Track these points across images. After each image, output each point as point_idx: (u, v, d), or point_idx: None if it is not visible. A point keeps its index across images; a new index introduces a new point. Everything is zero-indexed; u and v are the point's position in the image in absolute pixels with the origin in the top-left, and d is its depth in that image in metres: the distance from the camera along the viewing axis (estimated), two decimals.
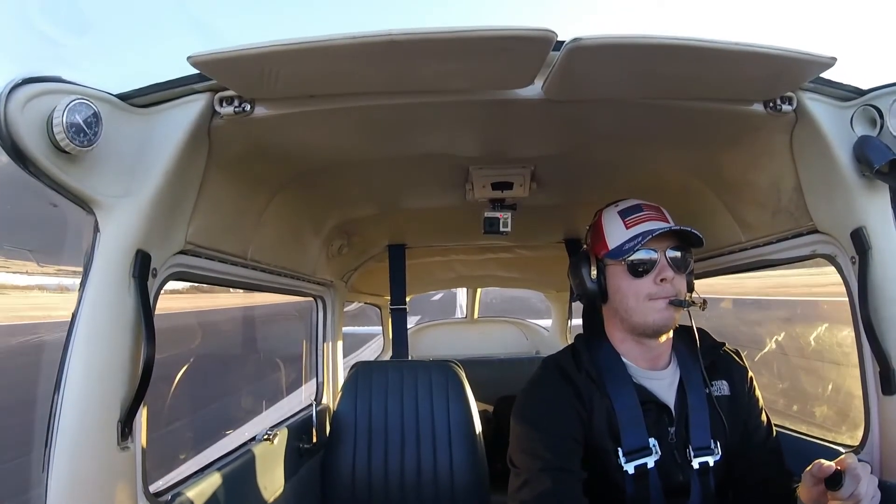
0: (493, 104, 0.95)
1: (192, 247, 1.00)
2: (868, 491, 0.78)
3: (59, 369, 0.77)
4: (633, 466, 0.97)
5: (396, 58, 0.78)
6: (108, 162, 0.79)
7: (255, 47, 0.74)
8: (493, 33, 0.72)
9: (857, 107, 0.95)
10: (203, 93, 0.88)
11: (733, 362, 1.11)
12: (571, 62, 0.80)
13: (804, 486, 0.84)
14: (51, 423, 0.76)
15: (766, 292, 4.51)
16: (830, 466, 0.78)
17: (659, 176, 1.37)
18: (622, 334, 1.05)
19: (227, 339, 5.85)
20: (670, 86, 0.90)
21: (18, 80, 0.68)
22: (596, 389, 1.01)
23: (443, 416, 1.72)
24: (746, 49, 0.78)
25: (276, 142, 1.05)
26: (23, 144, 0.68)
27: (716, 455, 1.00)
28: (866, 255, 0.95)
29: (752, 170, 1.17)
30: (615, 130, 1.12)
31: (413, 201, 1.65)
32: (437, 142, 1.17)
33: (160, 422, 3.03)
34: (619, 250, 1.01)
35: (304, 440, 1.65)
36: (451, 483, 1.66)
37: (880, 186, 0.94)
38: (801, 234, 1.12)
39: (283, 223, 1.40)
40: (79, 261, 0.81)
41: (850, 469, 0.78)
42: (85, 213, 0.80)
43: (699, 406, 1.02)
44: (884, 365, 0.93)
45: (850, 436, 1.07)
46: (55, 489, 0.74)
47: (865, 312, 0.95)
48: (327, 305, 2.01)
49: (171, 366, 2.81)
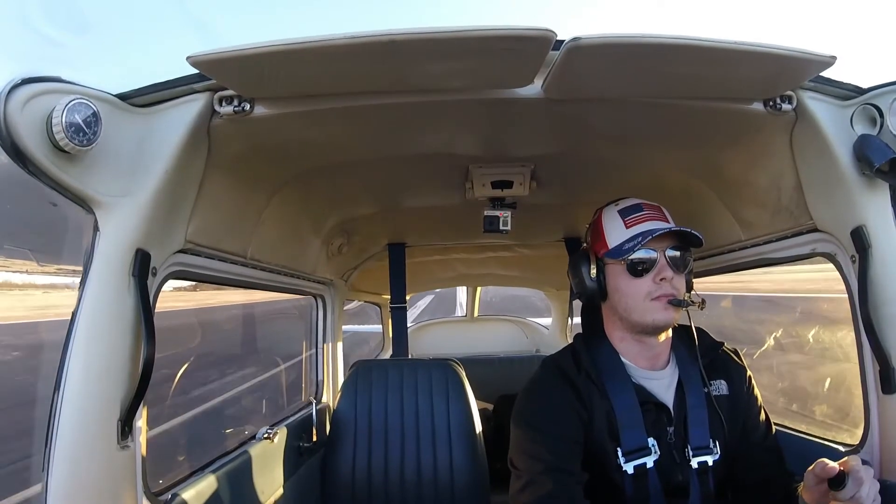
0: (492, 103, 0.95)
1: (192, 246, 1.00)
2: (870, 494, 0.78)
3: (59, 369, 0.77)
4: (632, 466, 0.97)
5: (396, 57, 0.78)
6: (108, 161, 0.79)
7: (254, 47, 0.74)
8: (493, 33, 0.72)
9: (857, 106, 0.95)
10: (202, 92, 0.88)
11: (732, 361, 1.11)
12: (571, 61, 0.80)
13: (806, 486, 0.84)
14: (51, 422, 0.76)
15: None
16: (834, 468, 0.78)
17: (659, 174, 1.37)
18: (621, 333, 1.05)
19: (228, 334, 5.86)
20: (670, 85, 0.90)
21: (18, 80, 0.69)
22: (595, 390, 1.01)
23: (443, 415, 1.72)
24: (746, 48, 0.78)
25: (276, 141, 1.05)
26: (22, 144, 0.68)
27: (715, 454, 1.00)
28: (866, 253, 0.95)
29: (752, 168, 1.17)
30: (615, 129, 1.12)
31: (413, 200, 1.65)
32: (437, 141, 1.17)
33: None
34: (619, 250, 1.01)
35: (304, 439, 1.65)
36: (451, 481, 1.66)
37: (880, 185, 0.94)
38: (801, 232, 1.12)
39: (283, 222, 1.40)
40: (78, 260, 0.81)
41: (854, 471, 0.78)
42: (84, 212, 0.80)
43: (698, 405, 1.02)
44: (884, 363, 0.94)
45: (850, 434, 1.07)
46: (55, 488, 0.74)
47: (865, 311, 0.95)
48: (327, 304, 2.01)
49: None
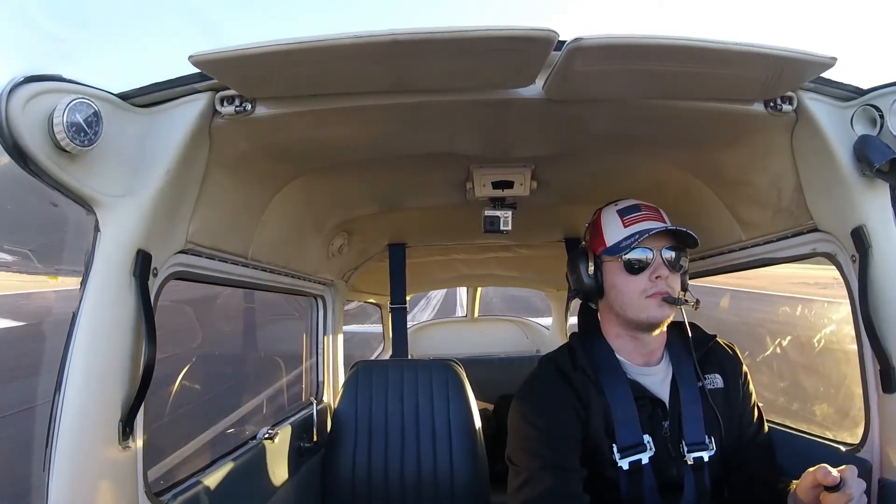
0: (494, 103, 0.95)
1: (193, 246, 1.00)
2: (861, 500, 0.81)
3: (59, 369, 0.77)
4: (627, 462, 0.98)
5: (399, 57, 0.78)
6: (109, 161, 0.79)
7: (256, 47, 0.74)
8: (495, 33, 0.72)
9: (857, 106, 0.95)
10: (204, 92, 0.88)
11: (726, 355, 1.13)
12: (572, 62, 0.80)
13: (802, 485, 0.86)
14: (51, 422, 0.76)
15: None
16: (836, 477, 0.80)
17: (660, 175, 1.38)
18: (617, 329, 1.07)
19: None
20: (671, 86, 0.90)
21: (20, 79, 0.68)
22: (592, 387, 1.03)
23: (443, 415, 1.72)
24: (747, 49, 0.78)
25: (277, 141, 1.05)
26: (23, 143, 0.68)
27: (710, 450, 1.01)
28: (866, 253, 0.95)
29: (752, 169, 1.17)
30: (616, 130, 1.12)
31: (414, 200, 1.65)
32: (438, 141, 1.17)
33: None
34: (617, 247, 1.03)
35: (305, 439, 1.65)
36: (451, 482, 1.66)
37: (880, 185, 0.95)
38: (801, 232, 1.12)
39: (284, 222, 1.40)
40: (79, 260, 0.81)
41: (848, 481, 0.80)
42: (85, 212, 0.80)
43: (692, 400, 1.03)
44: (884, 363, 0.94)
45: (850, 433, 1.08)
46: (56, 489, 0.74)
47: (865, 311, 0.95)
48: (328, 305, 2.01)
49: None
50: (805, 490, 0.84)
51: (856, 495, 0.80)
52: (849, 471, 0.81)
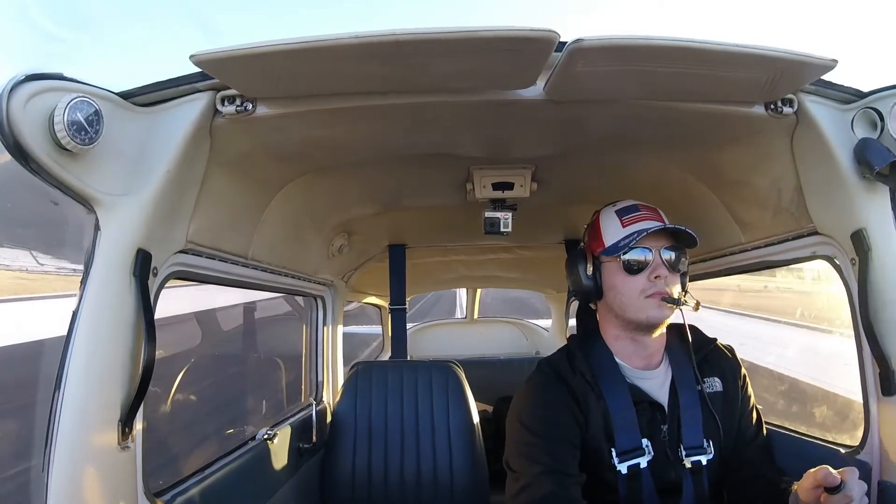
0: (494, 104, 0.95)
1: (193, 246, 1.00)
2: (862, 501, 0.81)
3: (59, 368, 0.77)
4: (626, 467, 0.98)
5: (400, 58, 0.78)
6: (110, 160, 0.79)
7: (257, 47, 0.74)
8: (497, 34, 0.72)
9: (857, 109, 0.95)
10: (205, 92, 0.88)
11: (725, 358, 1.12)
12: (573, 63, 0.80)
13: (803, 486, 0.85)
14: (51, 422, 0.75)
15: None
16: (836, 479, 0.79)
17: (660, 177, 1.38)
18: (616, 331, 1.07)
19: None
20: (671, 87, 0.90)
21: (20, 78, 0.68)
22: (591, 391, 1.02)
23: (442, 417, 1.72)
24: (748, 51, 0.78)
25: (278, 141, 1.05)
26: (24, 142, 0.68)
27: (709, 454, 1.01)
28: (866, 256, 0.95)
29: (752, 171, 1.17)
30: (616, 131, 1.12)
31: (414, 201, 1.65)
32: (439, 142, 1.17)
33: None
34: (615, 247, 1.03)
35: (304, 440, 1.65)
36: (450, 483, 1.66)
37: (880, 188, 0.95)
38: (801, 235, 1.13)
39: (285, 222, 1.39)
40: (79, 259, 0.81)
41: (849, 483, 0.80)
42: (86, 211, 0.80)
43: (691, 404, 1.03)
44: (883, 366, 0.94)
45: (849, 436, 1.08)
46: (55, 489, 0.74)
47: (865, 314, 0.95)
48: (327, 305, 2.01)
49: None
50: (806, 491, 0.84)
51: (856, 497, 0.79)
52: (850, 472, 0.80)
